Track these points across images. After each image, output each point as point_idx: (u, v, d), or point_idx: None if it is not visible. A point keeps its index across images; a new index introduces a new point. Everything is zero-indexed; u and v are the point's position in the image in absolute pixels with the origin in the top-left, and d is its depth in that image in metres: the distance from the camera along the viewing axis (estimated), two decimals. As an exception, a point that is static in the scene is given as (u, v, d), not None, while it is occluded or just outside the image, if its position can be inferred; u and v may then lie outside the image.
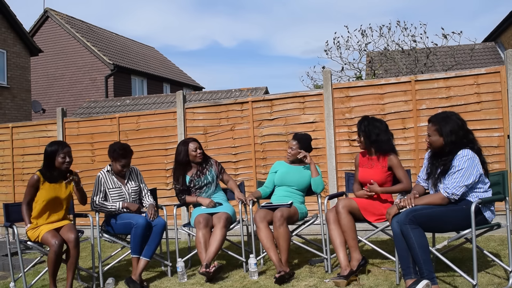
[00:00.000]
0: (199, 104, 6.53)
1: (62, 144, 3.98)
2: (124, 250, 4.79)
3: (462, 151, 3.17)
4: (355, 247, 3.67)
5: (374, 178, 3.83)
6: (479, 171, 3.17)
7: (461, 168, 3.14)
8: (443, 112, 3.41)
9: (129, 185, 4.38)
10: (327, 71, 5.83)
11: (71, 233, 3.80)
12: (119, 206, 4.22)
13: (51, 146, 3.96)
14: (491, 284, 3.35)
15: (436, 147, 3.31)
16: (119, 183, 4.34)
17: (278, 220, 3.90)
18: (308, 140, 4.35)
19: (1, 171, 7.45)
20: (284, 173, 4.32)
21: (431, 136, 3.32)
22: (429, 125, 3.35)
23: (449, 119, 3.27)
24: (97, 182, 4.30)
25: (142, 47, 24.94)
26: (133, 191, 4.38)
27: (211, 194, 4.47)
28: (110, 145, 4.41)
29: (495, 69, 5.20)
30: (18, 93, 14.28)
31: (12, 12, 13.79)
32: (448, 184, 3.17)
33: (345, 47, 13.59)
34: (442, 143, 3.26)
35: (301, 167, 4.33)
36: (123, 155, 4.29)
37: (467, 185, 3.15)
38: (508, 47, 14.84)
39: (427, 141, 3.36)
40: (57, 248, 3.68)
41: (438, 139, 3.27)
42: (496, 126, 5.15)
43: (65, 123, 7.07)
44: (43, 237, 3.75)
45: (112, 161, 4.35)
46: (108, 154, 4.37)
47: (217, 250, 4.01)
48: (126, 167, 4.33)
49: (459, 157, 3.16)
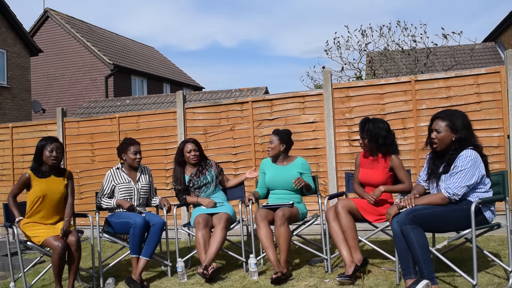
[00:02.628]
0: (199, 104, 6.53)
1: (50, 139, 4.00)
2: (124, 250, 4.78)
3: (466, 152, 3.16)
4: (355, 247, 3.67)
5: (376, 179, 3.83)
6: (481, 172, 3.16)
7: (464, 168, 3.12)
8: (447, 110, 3.40)
9: (140, 182, 4.40)
10: (327, 71, 5.83)
11: (73, 236, 3.79)
12: (113, 203, 4.27)
13: (40, 141, 4.00)
14: (491, 284, 3.35)
15: (445, 145, 3.25)
16: (129, 179, 4.36)
17: (280, 219, 3.90)
18: (288, 135, 4.35)
19: (1, 171, 7.45)
20: (273, 177, 4.30)
21: (441, 133, 3.24)
22: (436, 121, 3.27)
23: (456, 114, 3.26)
24: (104, 180, 4.37)
25: (142, 47, 24.94)
26: (143, 189, 4.40)
27: (210, 194, 4.48)
28: (117, 147, 4.52)
29: (495, 69, 5.20)
30: (18, 93, 14.28)
31: (12, 12, 13.79)
32: (449, 184, 3.17)
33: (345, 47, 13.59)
34: (451, 140, 3.22)
35: (287, 166, 4.31)
36: (130, 143, 4.39)
37: (468, 186, 3.14)
38: (508, 47, 14.84)
39: (435, 138, 3.26)
40: (60, 251, 3.67)
41: (449, 135, 3.22)
42: (496, 126, 5.15)
43: (65, 123, 7.07)
44: (46, 241, 3.73)
45: (124, 156, 4.39)
46: (117, 154, 4.45)
47: (217, 251, 4.01)
48: (139, 153, 4.39)
49: (462, 157, 3.15)
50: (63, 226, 3.81)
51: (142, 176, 4.45)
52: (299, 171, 4.28)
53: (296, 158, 4.36)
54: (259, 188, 4.45)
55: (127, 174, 4.38)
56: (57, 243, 3.68)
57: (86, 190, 6.79)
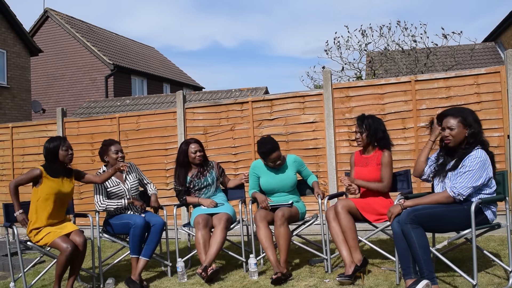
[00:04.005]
0: (199, 104, 6.53)
1: (62, 138, 3.98)
2: (124, 250, 4.78)
3: (476, 152, 3.14)
4: (355, 247, 3.67)
5: (369, 177, 3.86)
6: (489, 174, 3.15)
7: (472, 169, 3.11)
8: (455, 107, 3.40)
9: (128, 181, 4.37)
10: (327, 71, 5.83)
11: (80, 237, 3.80)
12: (124, 202, 4.22)
13: (52, 142, 3.93)
14: (491, 284, 3.34)
15: (459, 141, 3.22)
16: (117, 181, 4.32)
17: (279, 219, 3.90)
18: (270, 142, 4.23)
19: (1, 171, 7.45)
20: (269, 181, 4.28)
21: (454, 129, 3.21)
22: (447, 119, 3.24)
23: (466, 110, 3.26)
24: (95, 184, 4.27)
25: (142, 47, 24.94)
26: (132, 187, 4.37)
27: (210, 196, 4.47)
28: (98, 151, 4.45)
29: (495, 69, 5.20)
30: (18, 93, 14.27)
31: (12, 12, 13.79)
32: (455, 183, 3.16)
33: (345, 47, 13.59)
34: (465, 135, 3.20)
35: (281, 168, 4.28)
36: (110, 143, 4.35)
37: (474, 187, 3.13)
38: (508, 47, 14.84)
39: (449, 135, 3.22)
40: (69, 253, 3.65)
41: (462, 131, 3.20)
42: (496, 126, 5.15)
43: (65, 123, 7.07)
44: (55, 242, 3.71)
45: (106, 158, 4.33)
46: (99, 156, 4.40)
47: (217, 251, 4.00)
48: (120, 152, 4.33)
49: (471, 157, 3.13)
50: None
51: (129, 173, 4.42)
52: (294, 170, 4.29)
53: (285, 159, 4.34)
54: (254, 190, 4.40)
55: (113, 175, 4.31)
56: (66, 245, 3.66)
57: (86, 190, 6.79)
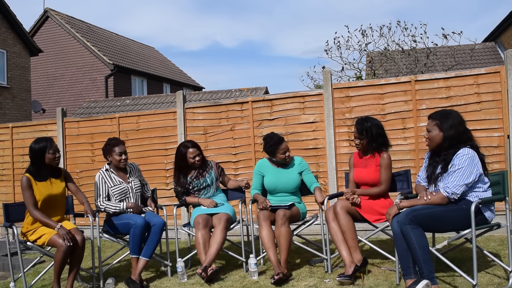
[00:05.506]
0: (199, 104, 6.53)
1: (49, 140, 3.90)
2: (124, 250, 4.79)
3: (463, 150, 3.16)
4: (355, 247, 3.67)
5: (369, 178, 3.87)
6: (479, 170, 3.17)
7: (461, 167, 3.13)
8: (443, 110, 3.43)
9: (132, 180, 4.36)
10: (327, 71, 5.83)
11: (79, 235, 3.80)
12: (123, 206, 4.22)
13: (38, 143, 3.85)
14: (491, 284, 3.34)
15: (435, 144, 3.30)
16: (120, 180, 4.32)
17: (281, 219, 3.91)
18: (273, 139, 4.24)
19: (1, 171, 7.45)
20: (273, 181, 4.28)
21: (430, 132, 3.31)
22: (429, 121, 3.36)
23: (449, 114, 3.29)
24: (96, 184, 4.28)
25: (142, 47, 24.94)
26: (136, 187, 4.37)
27: (210, 196, 4.46)
28: (102, 148, 4.42)
29: (495, 69, 5.20)
30: (18, 93, 14.27)
31: (12, 12, 13.79)
32: (448, 183, 3.17)
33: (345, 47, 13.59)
34: (441, 138, 3.26)
35: (286, 169, 4.29)
36: (115, 144, 4.30)
37: (467, 184, 3.15)
38: (508, 47, 14.83)
39: (426, 137, 3.35)
40: (66, 248, 3.65)
41: (438, 134, 3.27)
42: (496, 126, 5.15)
43: (65, 123, 7.07)
44: (51, 239, 3.71)
45: (109, 157, 4.32)
46: (103, 154, 4.38)
47: (217, 251, 4.00)
48: (124, 154, 4.30)
49: (459, 155, 3.16)
50: (86, 209, 3.94)
51: (133, 173, 4.42)
52: (299, 171, 4.28)
53: (293, 159, 4.35)
54: (256, 190, 4.41)
55: (116, 175, 4.31)
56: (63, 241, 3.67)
57: (86, 190, 6.77)
